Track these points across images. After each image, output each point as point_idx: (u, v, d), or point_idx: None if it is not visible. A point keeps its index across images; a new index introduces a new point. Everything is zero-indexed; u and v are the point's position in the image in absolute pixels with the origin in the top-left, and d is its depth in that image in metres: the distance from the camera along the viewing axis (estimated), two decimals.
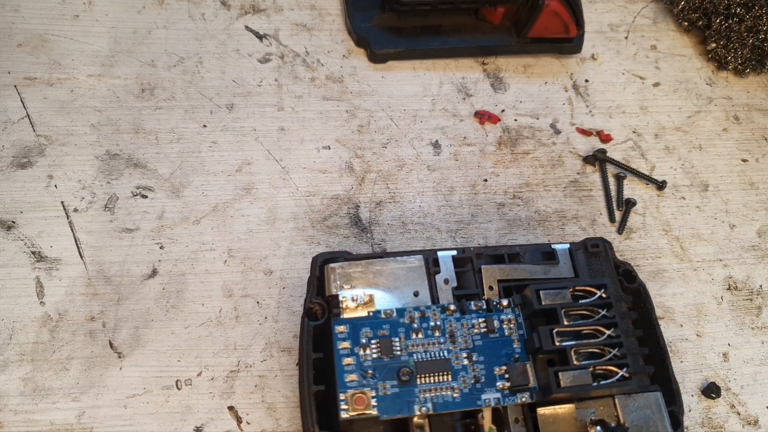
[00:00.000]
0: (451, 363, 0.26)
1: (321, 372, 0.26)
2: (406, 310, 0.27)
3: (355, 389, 0.25)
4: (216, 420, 0.31)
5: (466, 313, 0.27)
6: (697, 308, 0.37)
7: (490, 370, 0.26)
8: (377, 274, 0.27)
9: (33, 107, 0.37)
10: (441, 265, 0.28)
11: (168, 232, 0.35)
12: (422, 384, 0.26)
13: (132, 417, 0.31)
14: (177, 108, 0.38)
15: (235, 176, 0.37)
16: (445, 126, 0.40)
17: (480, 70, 0.42)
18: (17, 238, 0.34)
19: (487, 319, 0.27)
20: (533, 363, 0.27)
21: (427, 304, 0.27)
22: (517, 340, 0.27)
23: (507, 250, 0.29)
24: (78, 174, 0.36)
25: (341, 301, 0.27)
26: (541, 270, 0.29)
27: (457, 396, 0.26)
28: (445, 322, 0.27)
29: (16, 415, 0.30)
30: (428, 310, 0.27)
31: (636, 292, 0.30)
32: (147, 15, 0.40)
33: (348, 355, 0.26)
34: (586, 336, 0.26)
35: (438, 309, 0.27)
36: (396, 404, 0.25)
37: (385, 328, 0.26)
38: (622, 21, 0.46)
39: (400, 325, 0.27)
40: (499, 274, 0.29)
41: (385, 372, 0.26)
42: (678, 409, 0.28)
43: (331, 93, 0.40)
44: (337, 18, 0.42)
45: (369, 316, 0.27)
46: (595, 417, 0.26)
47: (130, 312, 0.33)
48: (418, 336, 0.26)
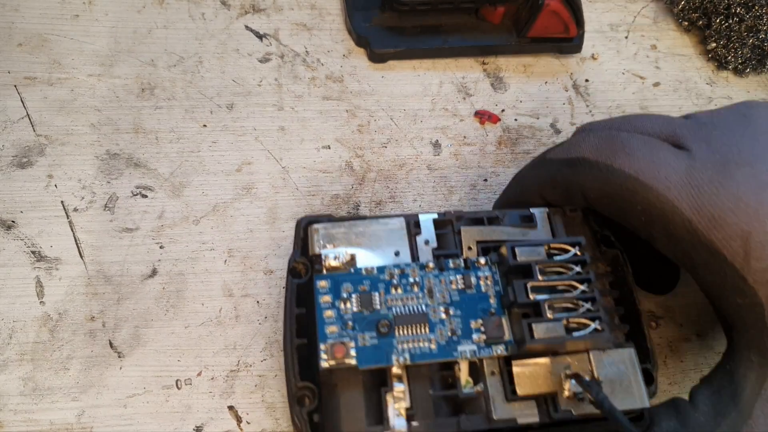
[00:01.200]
0: (429, 316, 0.27)
1: (304, 327, 0.28)
2: (387, 267, 0.28)
3: (335, 340, 0.26)
4: (216, 420, 0.31)
5: (445, 270, 0.28)
6: (697, 308, 0.37)
7: (467, 324, 0.27)
8: (359, 235, 0.28)
9: (33, 107, 0.37)
10: (422, 227, 0.29)
11: (168, 231, 0.35)
12: (401, 336, 0.26)
13: (132, 416, 0.31)
14: (177, 108, 0.38)
15: (235, 176, 0.37)
16: (446, 126, 0.40)
17: (480, 70, 0.42)
18: (17, 237, 0.34)
19: (464, 276, 0.28)
20: (509, 317, 0.27)
21: (407, 262, 0.28)
22: (494, 296, 0.28)
23: (486, 214, 0.30)
24: (78, 173, 0.36)
25: (324, 259, 0.28)
26: (519, 232, 0.30)
27: (434, 347, 0.26)
28: (423, 278, 0.28)
29: (15, 414, 0.30)
30: (408, 267, 0.28)
31: (614, 258, 0.31)
32: (147, 15, 0.40)
33: (329, 308, 0.27)
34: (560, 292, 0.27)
35: (417, 266, 0.28)
36: (375, 355, 0.26)
37: (365, 284, 0.27)
38: (622, 21, 0.46)
39: (380, 281, 0.27)
40: (477, 235, 0.30)
41: (364, 324, 0.27)
42: (652, 366, 0.29)
43: (331, 93, 0.40)
44: (337, 17, 0.42)
45: (350, 272, 0.28)
46: (569, 371, 0.27)
47: (130, 312, 0.33)
48: (398, 291, 0.27)
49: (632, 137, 0.28)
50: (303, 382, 0.26)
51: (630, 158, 0.27)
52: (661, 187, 0.26)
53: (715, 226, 0.25)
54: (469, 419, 0.26)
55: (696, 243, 0.26)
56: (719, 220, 0.25)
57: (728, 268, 0.25)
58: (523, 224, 0.30)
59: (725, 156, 0.27)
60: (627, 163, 0.27)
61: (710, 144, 0.27)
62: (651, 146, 0.28)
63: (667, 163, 0.27)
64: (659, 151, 0.27)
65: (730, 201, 0.25)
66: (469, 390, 0.26)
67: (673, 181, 0.26)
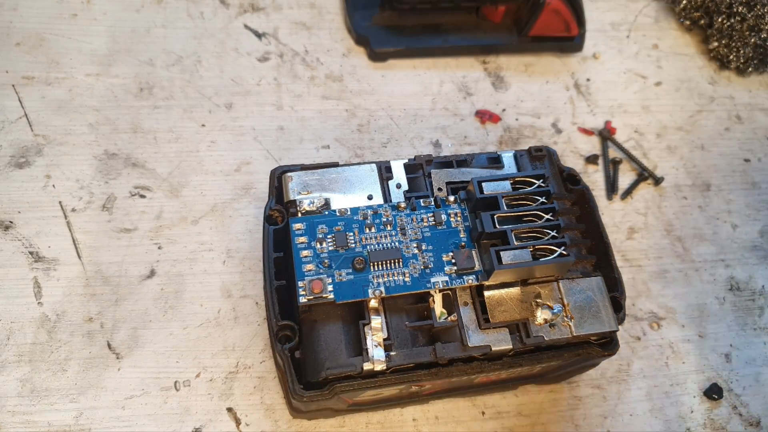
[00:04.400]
0: (402, 252, 0.28)
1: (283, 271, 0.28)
2: (360, 209, 0.29)
3: (312, 277, 0.27)
4: (215, 421, 0.31)
5: (416, 209, 0.29)
6: (699, 309, 0.37)
7: (439, 257, 0.28)
8: (332, 181, 0.29)
9: (31, 106, 0.37)
10: (393, 171, 0.30)
11: (166, 232, 0.35)
12: (376, 270, 0.27)
13: (130, 418, 0.31)
14: (175, 107, 0.38)
15: (234, 176, 0.37)
16: (446, 125, 0.40)
17: (481, 69, 0.42)
18: (15, 238, 0.34)
19: (435, 213, 0.29)
20: (478, 250, 0.28)
21: (380, 203, 0.29)
22: (463, 231, 0.29)
23: (455, 158, 0.31)
24: (76, 174, 0.36)
25: (299, 204, 0.28)
26: (487, 173, 0.31)
27: (408, 280, 0.27)
28: (396, 217, 0.29)
29: (14, 416, 0.30)
30: (380, 208, 0.29)
31: (580, 194, 0.31)
32: (145, 14, 0.40)
33: (305, 248, 0.27)
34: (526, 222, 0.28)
35: (389, 206, 0.29)
36: (351, 289, 0.27)
37: (339, 225, 0.28)
38: (623, 20, 0.46)
39: (354, 221, 0.28)
40: (447, 177, 0.30)
41: (340, 261, 0.27)
42: (620, 294, 0.30)
43: (330, 92, 0.40)
44: (336, 16, 0.42)
45: (324, 214, 0.28)
46: (540, 299, 0.28)
47: (128, 313, 0.33)
48: (371, 230, 0.28)
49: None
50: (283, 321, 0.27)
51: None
52: None
53: None
54: (445, 347, 0.27)
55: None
56: None
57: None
58: (491, 165, 0.31)
59: None
60: None
61: None
62: None
63: None
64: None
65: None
66: (443, 320, 0.27)
67: None
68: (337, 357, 0.26)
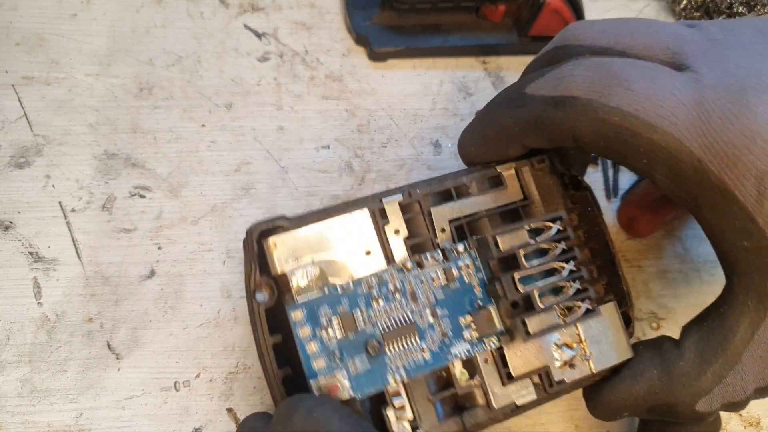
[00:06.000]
0: (417, 324, 0.26)
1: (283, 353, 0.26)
2: (363, 279, 0.26)
3: (325, 375, 0.24)
4: (215, 422, 0.31)
5: (424, 267, 0.26)
6: (699, 309, 0.37)
7: (456, 322, 0.26)
8: (324, 240, 0.25)
9: (30, 106, 0.37)
10: (388, 215, 0.27)
11: (166, 232, 0.35)
12: (392, 353, 0.25)
13: (130, 418, 0.31)
14: (175, 107, 0.38)
15: (234, 176, 0.37)
16: (446, 125, 0.40)
17: (481, 69, 0.42)
18: (14, 238, 0.34)
19: (445, 270, 0.26)
20: (496, 305, 0.27)
21: (383, 267, 0.26)
22: (478, 285, 0.27)
23: (453, 183, 0.28)
24: (76, 174, 0.36)
25: (290, 280, 0.25)
26: (490, 199, 0.28)
27: (428, 357, 0.26)
28: (404, 282, 0.26)
29: (13, 416, 0.30)
30: (385, 274, 0.26)
31: (583, 199, 0.29)
32: (145, 14, 0.40)
33: (311, 340, 0.25)
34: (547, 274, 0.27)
35: (395, 270, 0.26)
36: (370, 380, 0.25)
37: (343, 303, 0.25)
38: None
39: (359, 295, 0.25)
40: (449, 213, 0.27)
41: (352, 350, 0.25)
42: (629, 306, 0.29)
43: (330, 92, 0.40)
44: (336, 16, 0.42)
45: (325, 294, 0.25)
46: (559, 342, 0.27)
47: (128, 313, 0.33)
48: (379, 303, 0.26)
49: (629, 66, 0.24)
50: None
51: (628, 93, 0.24)
52: (665, 124, 0.23)
53: (728, 165, 0.23)
54: (471, 414, 0.26)
55: (705, 183, 0.23)
56: (733, 159, 0.23)
57: (738, 210, 0.23)
58: (492, 188, 0.28)
59: (742, 81, 0.23)
60: (625, 99, 0.24)
61: (723, 66, 0.24)
62: (652, 76, 0.24)
63: (671, 94, 0.23)
64: (662, 81, 0.24)
65: (746, 136, 0.22)
66: (465, 384, 0.26)
67: (680, 117, 0.23)
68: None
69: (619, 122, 0.24)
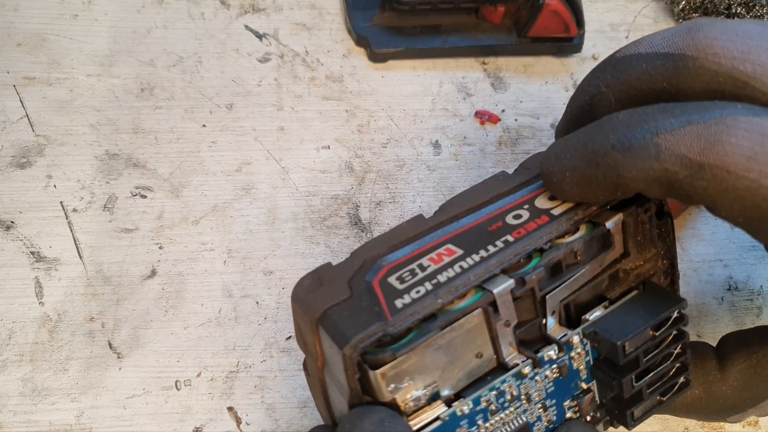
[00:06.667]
0: (529, 423, 0.25)
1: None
2: (481, 396, 0.23)
3: None
4: (215, 420, 0.31)
5: (540, 366, 0.24)
6: (697, 308, 0.37)
7: (561, 407, 0.26)
8: (434, 356, 0.22)
9: (32, 107, 0.37)
10: (500, 308, 0.23)
11: (167, 232, 0.35)
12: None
13: (131, 417, 0.31)
14: (176, 108, 0.38)
15: (235, 176, 0.37)
16: (446, 126, 0.40)
17: (480, 70, 0.42)
18: (16, 238, 0.34)
19: (560, 367, 0.25)
20: (599, 386, 0.26)
21: (502, 379, 0.24)
22: (584, 367, 0.26)
23: (565, 252, 0.24)
24: (77, 174, 0.36)
25: (401, 406, 0.22)
26: (598, 265, 0.25)
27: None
28: (520, 387, 0.24)
29: (15, 415, 0.30)
30: (503, 384, 0.24)
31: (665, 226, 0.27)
32: (146, 14, 0.40)
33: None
34: (657, 363, 0.26)
35: (513, 378, 0.24)
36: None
37: (463, 426, 0.23)
38: (622, 20, 0.46)
39: (477, 412, 0.24)
40: (560, 294, 0.25)
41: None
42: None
43: (330, 92, 0.40)
44: (336, 17, 0.42)
45: (444, 420, 0.23)
46: None
47: (129, 312, 0.33)
48: (497, 416, 0.24)
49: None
50: None
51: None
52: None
53: None
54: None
55: None
56: None
57: None
58: (601, 251, 0.25)
59: None
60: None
61: None
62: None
63: None
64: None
65: None
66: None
67: None
68: None
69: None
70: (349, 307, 0.22)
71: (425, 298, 0.22)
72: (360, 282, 0.23)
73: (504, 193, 0.26)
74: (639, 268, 0.27)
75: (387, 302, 0.22)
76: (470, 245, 0.24)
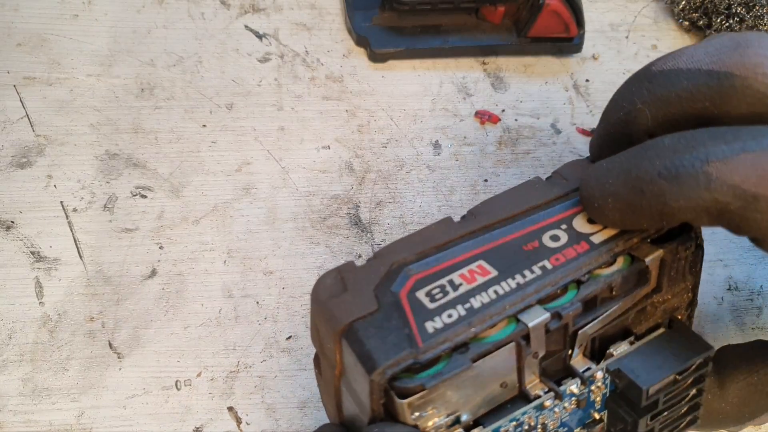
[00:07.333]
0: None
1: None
2: (501, 427, 0.23)
3: None
4: (216, 420, 0.31)
5: (562, 400, 0.24)
6: (697, 308, 0.37)
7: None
8: (461, 387, 0.22)
9: (32, 107, 0.37)
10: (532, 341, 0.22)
11: (167, 232, 0.35)
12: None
13: (131, 417, 0.31)
14: (176, 108, 0.38)
15: (235, 176, 0.37)
16: (446, 126, 0.40)
17: (480, 70, 0.42)
18: (16, 238, 0.34)
19: (579, 400, 0.24)
20: (608, 416, 0.26)
21: (524, 410, 0.23)
22: (600, 400, 0.25)
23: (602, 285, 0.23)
24: (77, 174, 0.36)
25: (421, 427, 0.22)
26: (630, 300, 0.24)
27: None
28: (538, 417, 0.24)
29: (15, 415, 0.30)
30: (524, 416, 0.23)
31: (694, 258, 0.26)
32: (146, 14, 0.40)
33: None
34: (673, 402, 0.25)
35: (534, 410, 0.23)
36: None
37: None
38: (622, 20, 0.46)
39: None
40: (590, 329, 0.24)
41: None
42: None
43: (330, 92, 0.40)
44: (336, 17, 0.42)
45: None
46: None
47: (129, 312, 0.33)
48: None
49: None
50: None
51: None
52: None
53: None
54: None
55: None
56: None
57: None
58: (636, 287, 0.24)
59: None
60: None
61: None
62: None
63: None
64: None
65: None
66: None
67: None
68: None
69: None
70: (377, 323, 0.21)
71: (457, 325, 0.21)
72: (386, 293, 0.22)
73: (540, 206, 0.24)
74: (667, 302, 0.26)
75: (417, 324, 0.21)
76: (505, 266, 0.22)
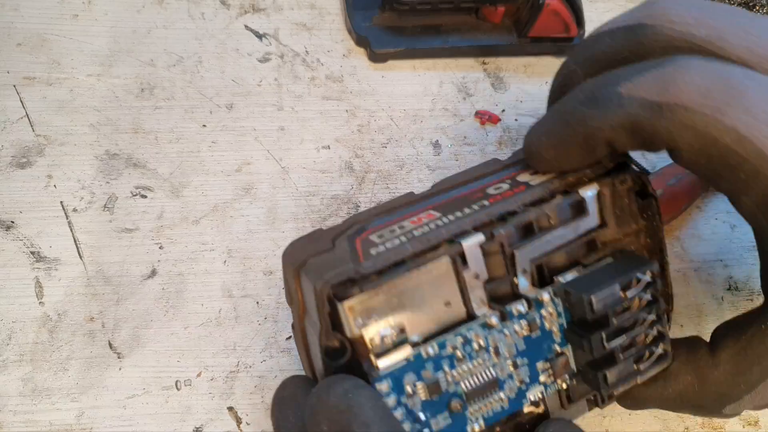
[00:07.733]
0: (498, 378, 0.25)
1: None
2: (447, 341, 0.24)
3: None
4: (216, 420, 0.31)
5: (508, 319, 0.25)
6: (697, 308, 0.37)
7: (534, 368, 0.26)
8: (401, 295, 0.23)
9: (32, 107, 0.37)
10: (468, 260, 0.24)
11: (167, 232, 0.35)
12: (473, 405, 0.25)
13: (131, 417, 0.31)
14: (176, 108, 0.38)
15: (235, 176, 0.37)
16: (446, 126, 0.40)
17: (480, 70, 0.42)
18: (16, 238, 0.34)
19: (530, 323, 0.25)
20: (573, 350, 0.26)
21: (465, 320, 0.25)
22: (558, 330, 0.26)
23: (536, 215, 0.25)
24: (77, 174, 0.36)
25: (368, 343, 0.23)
26: (571, 230, 0.26)
27: (505, 405, 0.25)
28: (488, 338, 0.25)
29: (15, 415, 0.30)
30: (470, 332, 0.24)
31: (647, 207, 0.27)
32: (146, 14, 0.40)
33: (395, 409, 0.23)
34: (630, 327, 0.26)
35: (479, 327, 0.25)
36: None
37: (428, 368, 0.24)
38: None
39: (443, 357, 0.24)
40: (531, 253, 0.25)
41: (435, 409, 0.24)
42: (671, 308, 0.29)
43: (330, 92, 0.40)
44: (336, 17, 0.42)
45: (409, 360, 0.24)
46: None
47: (129, 312, 0.33)
48: (463, 364, 0.24)
49: (749, 81, 0.22)
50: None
51: (747, 113, 0.21)
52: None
53: None
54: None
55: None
56: None
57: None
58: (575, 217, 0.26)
59: None
60: (743, 120, 0.21)
61: None
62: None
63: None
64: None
65: None
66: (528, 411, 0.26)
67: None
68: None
69: (729, 144, 0.21)
70: (330, 256, 0.24)
71: (398, 247, 0.23)
72: (343, 240, 0.24)
73: (491, 172, 0.27)
74: (618, 242, 0.27)
75: (363, 251, 0.24)
76: (449, 210, 0.25)
